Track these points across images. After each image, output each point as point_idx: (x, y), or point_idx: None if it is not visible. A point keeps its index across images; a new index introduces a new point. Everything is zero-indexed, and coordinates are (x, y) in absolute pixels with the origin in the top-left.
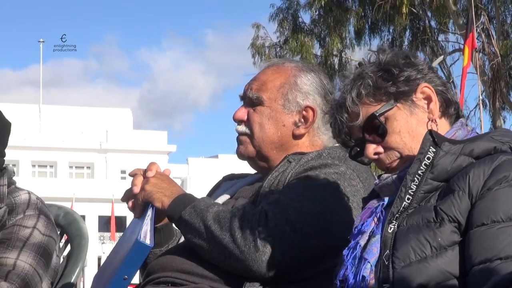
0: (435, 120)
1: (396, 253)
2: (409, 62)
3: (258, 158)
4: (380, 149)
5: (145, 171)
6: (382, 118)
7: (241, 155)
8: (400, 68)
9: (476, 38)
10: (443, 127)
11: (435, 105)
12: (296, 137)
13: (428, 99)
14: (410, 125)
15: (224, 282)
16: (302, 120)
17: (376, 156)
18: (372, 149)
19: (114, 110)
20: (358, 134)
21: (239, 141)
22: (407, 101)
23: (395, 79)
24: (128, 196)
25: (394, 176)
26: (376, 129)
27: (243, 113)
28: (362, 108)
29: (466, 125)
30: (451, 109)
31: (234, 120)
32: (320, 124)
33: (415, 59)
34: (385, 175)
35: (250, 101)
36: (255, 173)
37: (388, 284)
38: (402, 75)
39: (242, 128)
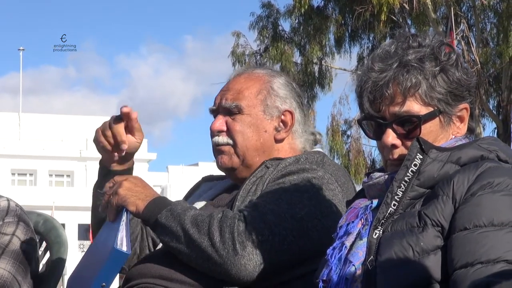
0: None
1: (379, 259)
2: (468, 72)
3: (242, 168)
4: (399, 142)
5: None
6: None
7: (224, 166)
8: (457, 76)
9: (456, 46)
10: None
11: (464, 126)
12: (277, 141)
13: (461, 119)
14: (436, 137)
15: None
16: (282, 124)
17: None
18: (392, 138)
19: (94, 118)
20: (387, 115)
21: (220, 152)
22: (447, 115)
23: (450, 86)
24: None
25: (387, 177)
26: (410, 127)
27: (221, 123)
28: (410, 99)
29: (467, 137)
30: (472, 135)
31: (213, 131)
32: (297, 126)
33: (469, 70)
34: (377, 174)
35: (227, 111)
36: None
37: None
38: (457, 85)
39: (223, 139)
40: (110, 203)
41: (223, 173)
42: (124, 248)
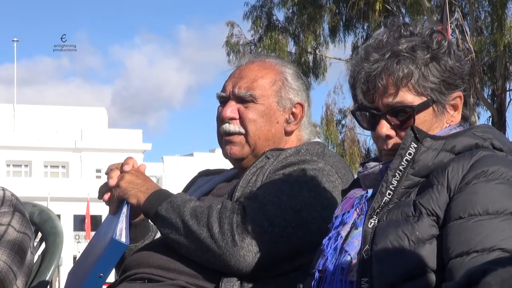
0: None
1: (375, 248)
2: (460, 59)
3: (251, 157)
4: (393, 132)
5: (121, 165)
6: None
7: (235, 157)
8: (450, 65)
9: (450, 35)
10: None
11: (458, 114)
12: (287, 134)
13: (455, 108)
14: (430, 126)
15: (201, 278)
16: (292, 117)
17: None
18: (387, 129)
19: (89, 109)
20: (381, 106)
21: (230, 142)
22: (441, 104)
23: (442, 75)
24: (103, 190)
25: (381, 166)
26: (403, 117)
27: (233, 111)
28: (403, 90)
29: (461, 125)
30: (466, 123)
31: (224, 118)
32: (305, 119)
33: (462, 58)
34: (372, 164)
35: (240, 99)
36: (231, 169)
37: (367, 278)
38: (449, 73)
39: (235, 127)
40: (112, 196)
41: (219, 167)
42: (123, 239)
